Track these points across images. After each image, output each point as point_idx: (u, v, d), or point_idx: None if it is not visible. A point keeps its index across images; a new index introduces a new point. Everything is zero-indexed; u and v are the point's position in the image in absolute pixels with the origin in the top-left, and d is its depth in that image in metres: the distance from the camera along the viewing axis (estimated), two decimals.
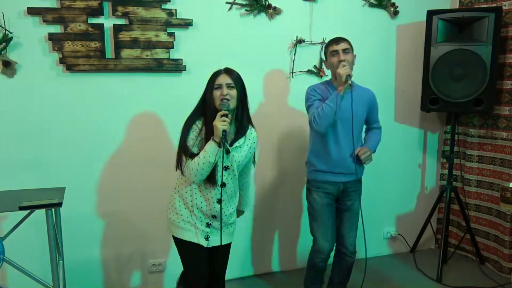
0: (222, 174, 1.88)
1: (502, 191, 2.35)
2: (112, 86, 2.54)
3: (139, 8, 2.49)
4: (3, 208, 1.83)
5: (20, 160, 2.43)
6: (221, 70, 1.91)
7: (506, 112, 2.97)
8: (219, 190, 1.90)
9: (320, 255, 2.39)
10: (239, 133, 1.93)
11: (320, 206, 2.37)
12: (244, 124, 1.95)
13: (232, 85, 1.87)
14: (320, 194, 2.37)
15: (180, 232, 1.97)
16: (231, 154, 1.89)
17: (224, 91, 1.85)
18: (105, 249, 2.68)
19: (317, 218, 2.39)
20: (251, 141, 1.99)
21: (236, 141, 1.91)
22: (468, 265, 3.21)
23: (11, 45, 2.31)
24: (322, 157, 2.35)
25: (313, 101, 2.31)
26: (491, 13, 2.78)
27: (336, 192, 2.38)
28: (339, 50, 2.25)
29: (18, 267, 1.88)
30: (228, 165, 1.90)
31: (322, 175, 2.37)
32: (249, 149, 1.98)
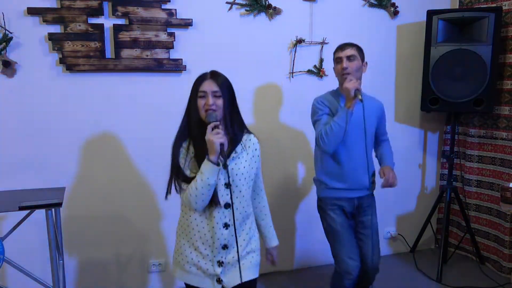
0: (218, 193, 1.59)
1: (502, 191, 2.35)
2: (112, 86, 2.54)
3: (139, 8, 2.49)
4: (3, 208, 1.83)
5: (20, 160, 2.43)
6: (207, 74, 1.63)
7: (506, 112, 2.97)
8: (224, 213, 1.61)
9: (349, 275, 2.19)
10: (233, 142, 1.64)
11: (340, 224, 2.21)
12: (236, 131, 1.66)
13: (219, 93, 1.59)
14: (337, 212, 2.23)
15: (186, 277, 1.66)
16: (230, 167, 1.60)
17: (210, 100, 1.57)
18: (105, 249, 2.68)
19: (339, 238, 2.21)
20: (252, 148, 1.70)
21: (232, 152, 1.62)
22: (468, 265, 3.21)
23: (11, 45, 2.31)
24: (335, 174, 2.20)
25: (320, 116, 2.15)
26: (491, 13, 2.78)
27: (351, 209, 2.25)
28: (343, 57, 2.11)
29: (18, 267, 1.88)
30: (229, 181, 1.59)
31: (336, 192, 2.22)
32: (251, 158, 1.68)
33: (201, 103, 1.59)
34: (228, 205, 1.61)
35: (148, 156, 2.65)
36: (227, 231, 1.61)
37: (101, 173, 2.59)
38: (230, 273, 1.65)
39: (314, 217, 2.43)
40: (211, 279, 1.64)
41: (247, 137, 1.71)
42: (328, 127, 2.04)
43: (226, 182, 1.60)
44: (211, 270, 1.63)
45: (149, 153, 2.65)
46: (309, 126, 3.02)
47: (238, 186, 1.63)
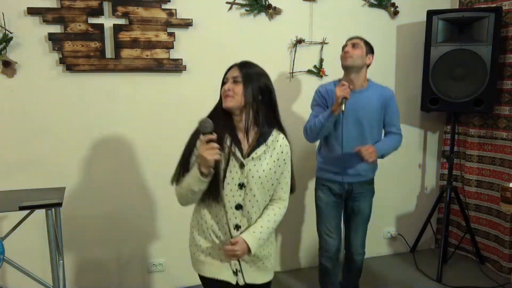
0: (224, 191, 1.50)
1: (502, 191, 2.35)
2: (112, 86, 2.54)
3: (139, 8, 2.49)
4: (3, 208, 1.83)
5: (20, 160, 2.43)
6: (235, 64, 1.57)
7: (506, 112, 2.97)
8: (234, 214, 1.52)
9: (326, 252, 2.34)
10: (258, 141, 1.52)
11: (325, 204, 2.34)
12: (265, 129, 1.53)
13: (239, 79, 1.49)
14: (325, 192, 2.35)
15: (200, 267, 1.58)
16: (247, 167, 1.49)
17: (227, 85, 1.49)
18: (105, 249, 2.68)
19: (321, 215, 2.37)
20: (278, 150, 1.55)
21: (253, 151, 1.50)
22: (468, 265, 3.21)
23: (11, 45, 2.31)
24: (329, 157, 2.33)
25: (313, 107, 2.32)
26: (491, 13, 2.78)
27: (341, 192, 2.34)
28: (349, 44, 2.25)
29: (18, 267, 1.88)
30: (244, 182, 1.50)
31: (326, 173, 2.35)
32: (276, 161, 1.54)
33: (222, 90, 1.52)
34: (240, 207, 1.52)
35: (148, 156, 2.65)
36: (237, 232, 1.53)
37: (101, 173, 2.59)
38: (245, 271, 1.59)
39: None
40: (227, 269, 1.56)
41: (275, 137, 1.56)
42: (312, 123, 2.20)
43: (240, 183, 1.50)
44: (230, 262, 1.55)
45: (149, 153, 2.65)
46: None
47: (253, 189, 1.51)
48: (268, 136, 1.53)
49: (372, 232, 3.30)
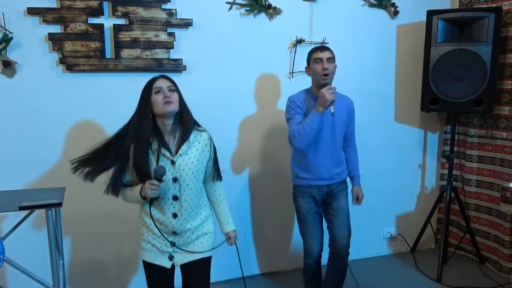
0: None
1: (502, 191, 2.35)
2: (112, 86, 2.54)
3: (139, 8, 2.49)
4: (3, 208, 1.83)
5: (20, 160, 2.43)
6: (156, 77, 1.78)
7: (506, 112, 2.97)
8: (172, 204, 1.78)
9: (311, 255, 2.42)
10: (183, 138, 1.77)
11: (306, 210, 2.40)
12: (188, 127, 1.78)
13: (173, 88, 1.76)
14: (306, 199, 2.40)
15: (142, 253, 1.87)
16: (177, 163, 1.74)
17: (167, 93, 1.71)
18: (105, 249, 2.68)
19: (303, 222, 2.43)
20: (201, 144, 1.81)
21: (179, 148, 1.75)
22: (468, 265, 3.20)
23: (11, 45, 2.31)
24: (303, 166, 2.37)
25: (293, 115, 2.28)
26: (491, 13, 2.78)
27: (321, 196, 2.40)
28: (324, 58, 2.23)
29: (18, 267, 1.88)
30: (177, 176, 1.75)
31: (304, 180, 2.39)
32: (200, 153, 1.80)
33: (158, 99, 1.71)
34: (176, 197, 1.77)
35: None
36: (175, 220, 1.79)
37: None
38: (181, 253, 1.84)
39: None
40: (164, 256, 1.83)
41: (198, 134, 1.82)
42: (300, 128, 2.19)
43: (174, 177, 1.75)
44: (164, 248, 1.82)
45: None
46: None
47: (186, 180, 1.76)
48: (189, 134, 1.78)
49: (372, 232, 3.32)
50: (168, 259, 1.84)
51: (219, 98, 2.77)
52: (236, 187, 2.89)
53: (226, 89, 2.77)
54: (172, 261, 1.84)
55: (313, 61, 2.28)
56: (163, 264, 1.84)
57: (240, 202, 2.93)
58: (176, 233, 1.82)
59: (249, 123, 2.89)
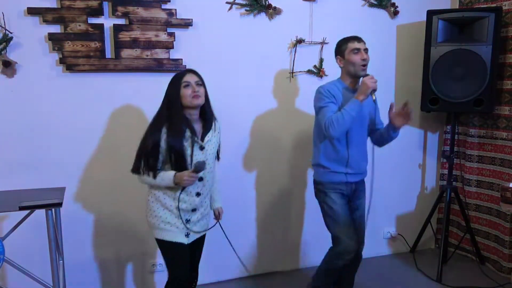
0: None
1: (502, 191, 2.35)
2: (112, 86, 2.54)
3: (139, 8, 2.49)
4: (3, 208, 1.83)
5: (20, 160, 2.43)
6: (185, 70, 1.97)
7: (506, 112, 2.97)
8: (197, 184, 1.98)
9: (347, 255, 2.28)
10: (207, 127, 2.00)
11: (340, 206, 2.30)
12: (210, 117, 2.02)
13: (200, 82, 1.94)
14: (338, 195, 2.31)
15: (161, 233, 1.99)
16: (205, 149, 1.98)
17: (195, 88, 1.90)
18: (105, 249, 2.68)
19: (338, 219, 2.29)
20: (217, 131, 2.07)
21: (205, 136, 1.98)
22: (468, 265, 3.21)
23: (11, 45, 2.31)
24: (337, 159, 2.28)
25: (327, 103, 2.18)
26: (491, 13, 2.78)
27: (349, 193, 2.35)
28: (361, 49, 2.20)
29: (18, 267, 1.88)
30: (204, 159, 1.96)
31: (338, 176, 2.30)
32: (217, 140, 2.07)
33: (187, 92, 1.89)
34: (201, 179, 1.99)
35: None
36: (198, 198, 2.00)
37: (101, 173, 2.59)
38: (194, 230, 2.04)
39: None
40: (181, 233, 1.99)
41: (215, 123, 2.06)
42: (339, 115, 2.10)
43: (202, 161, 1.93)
44: (182, 226, 1.98)
45: None
46: (309, 125, 3.02)
47: (210, 163, 2.01)
48: (212, 123, 2.03)
49: (372, 232, 3.32)
50: (185, 236, 2.00)
51: (219, 98, 2.74)
52: (235, 187, 2.89)
53: (226, 89, 2.77)
54: (188, 238, 2.01)
55: (350, 51, 2.21)
56: (182, 241, 1.99)
57: (238, 201, 2.93)
58: (196, 209, 2.02)
59: (249, 123, 2.89)
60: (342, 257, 2.29)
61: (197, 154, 1.95)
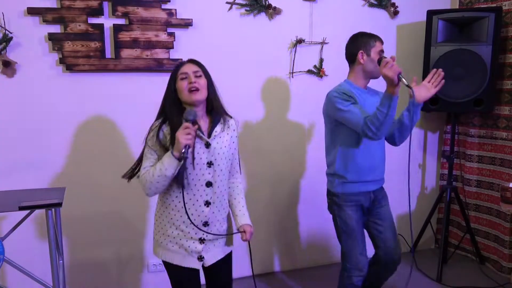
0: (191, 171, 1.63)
1: (502, 191, 2.35)
2: (112, 86, 2.54)
3: (139, 8, 2.49)
4: (3, 208, 1.83)
5: (20, 160, 2.43)
6: (184, 61, 1.69)
7: (506, 112, 2.97)
8: (206, 191, 1.65)
9: (360, 272, 2.17)
10: (214, 121, 1.68)
11: (355, 221, 2.16)
12: (219, 111, 1.70)
13: (200, 73, 1.64)
14: (353, 208, 2.16)
15: (167, 255, 1.70)
16: (212, 146, 1.65)
17: (192, 78, 1.60)
18: (105, 249, 2.68)
19: (353, 235, 2.16)
20: (231, 129, 1.74)
21: (213, 130, 1.66)
22: (468, 265, 3.20)
23: (11, 45, 2.31)
24: (355, 167, 2.12)
25: (348, 106, 2.00)
26: (491, 13, 2.78)
27: (368, 203, 2.20)
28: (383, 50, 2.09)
29: (18, 267, 1.88)
30: (212, 160, 1.65)
31: (353, 186, 2.14)
32: (231, 138, 1.73)
33: (183, 85, 1.62)
34: (210, 184, 1.65)
35: None
36: (208, 208, 1.66)
37: (101, 173, 2.59)
38: (211, 250, 1.72)
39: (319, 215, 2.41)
40: (193, 257, 1.68)
41: (227, 119, 1.75)
42: (373, 118, 1.90)
43: (208, 161, 1.64)
44: (192, 247, 1.67)
45: None
46: (309, 125, 3.03)
47: (220, 165, 1.67)
48: (220, 118, 1.70)
49: None
50: (198, 259, 1.69)
51: None
52: None
53: (226, 89, 2.73)
54: (201, 261, 1.70)
55: (378, 51, 2.07)
56: (193, 265, 1.69)
57: None
58: (208, 223, 1.68)
59: (249, 123, 2.89)
60: (354, 274, 2.18)
61: (201, 152, 1.63)
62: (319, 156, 3.07)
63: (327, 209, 2.30)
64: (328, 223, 2.59)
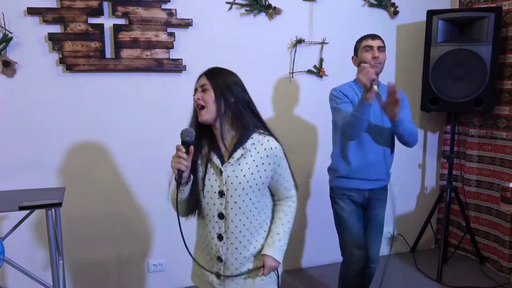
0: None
1: (502, 191, 2.35)
2: (112, 86, 2.54)
3: (139, 8, 2.49)
4: (3, 208, 1.83)
5: (20, 160, 2.43)
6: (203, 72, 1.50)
7: (506, 112, 2.97)
8: (218, 223, 1.47)
9: (355, 266, 2.17)
10: (236, 145, 1.44)
11: (348, 213, 2.18)
12: (243, 132, 1.45)
13: (207, 86, 1.42)
14: (346, 201, 2.19)
15: (194, 279, 1.64)
16: (225, 174, 1.43)
17: (197, 95, 1.44)
18: (105, 249, 2.68)
19: (346, 227, 2.19)
20: (261, 154, 1.45)
21: (232, 155, 1.43)
22: (468, 265, 3.21)
23: (11, 45, 2.31)
24: (347, 164, 2.16)
25: (338, 103, 2.08)
26: (491, 13, 2.78)
27: (361, 200, 2.21)
28: (374, 46, 2.09)
29: (18, 267, 1.88)
30: (223, 189, 1.43)
31: (346, 181, 2.18)
32: (258, 165, 1.44)
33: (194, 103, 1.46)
34: (222, 216, 1.45)
35: (148, 156, 2.64)
36: (221, 242, 1.47)
37: (101, 173, 2.59)
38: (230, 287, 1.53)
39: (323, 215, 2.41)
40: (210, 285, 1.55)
41: (259, 139, 1.46)
42: (347, 119, 1.97)
43: (220, 190, 1.44)
44: (210, 279, 1.54)
45: (149, 153, 2.64)
46: (309, 125, 3.03)
47: (233, 196, 1.44)
48: (246, 139, 1.44)
49: None
50: None
51: None
52: None
53: None
54: None
55: (362, 49, 2.12)
56: None
57: None
58: (221, 259, 1.49)
59: None
60: (349, 268, 2.19)
61: (213, 179, 1.44)
62: (319, 156, 3.07)
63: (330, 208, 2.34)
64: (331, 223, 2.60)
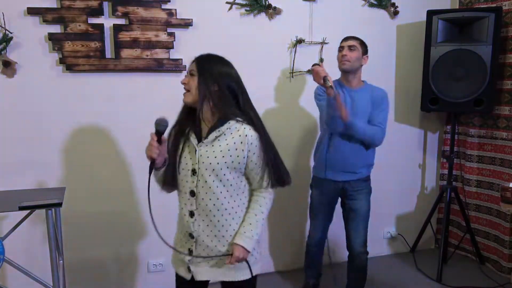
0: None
1: (502, 191, 2.35)
2: (112, 86, 2.54)
3: (139, 8, 2.49)
4: (3, 208, 1.83)
5: (20, 160, 2.43)
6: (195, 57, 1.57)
7: (506, 112, 2.97)
8: (190, 200, 1.52)
9: (311, 239, 2.55)
10: (214, 126, 1.49)
11: (317, 202, 2.48)
12: (222, 116, 1.49)
13: (194, 72, 1.48)
14: (318, 192, 2.46)
15: (173, 262, 1.70)
16: (198, 153, 1.48)
17: (183, 79, 1.52)
18: (105, 249, 2.68)
19: (313, 213, 2.53)
20: (235, 139, 1.48)
21: (207, 137, 1.49)
22: (468, 265, 3.21)
23: (11, 45, 2.31)
24: (319, 155, 2.42)
25: (319, 100, 2.37)
26: (491, 13, 2.78)
27: (335, 192, 2.42)
28: (345, 47, 2.30)
29: (18, 267, 1.88)
30: (195, 168, 1.49)
31: (320, 172, 2.42)
32: (231, 149, 1.48)
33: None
34: (193, 193, 1.51)
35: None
36: (192, 219, 1.53)
37: (101, 173, 2.59)
38: (201, 266, 1.57)
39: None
40: (184, 267, 1.60)
41: (236, 126, 1.50)
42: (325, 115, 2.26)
43: (193, 169, 1.50)
44: (182, 256, 1.59)
45: None
46: (309, 125, 3.03)
47: (204, 175, 1.49)
48: (221, 124, 1.48)
49: (372, 232, 3.29)
50: (187, 269, 1.59)
51: None
52: None
53: None
54: (190, 273, 1.58)
55: (338, 50, 2.37)
56: (183, 274, 1.61)
57: None
58: (193, 236, 1.54)
59: None
60: (309, 239, 2.58)
61: (188, 158, 1.51)
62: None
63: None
64: (332, 224, 2.61)
